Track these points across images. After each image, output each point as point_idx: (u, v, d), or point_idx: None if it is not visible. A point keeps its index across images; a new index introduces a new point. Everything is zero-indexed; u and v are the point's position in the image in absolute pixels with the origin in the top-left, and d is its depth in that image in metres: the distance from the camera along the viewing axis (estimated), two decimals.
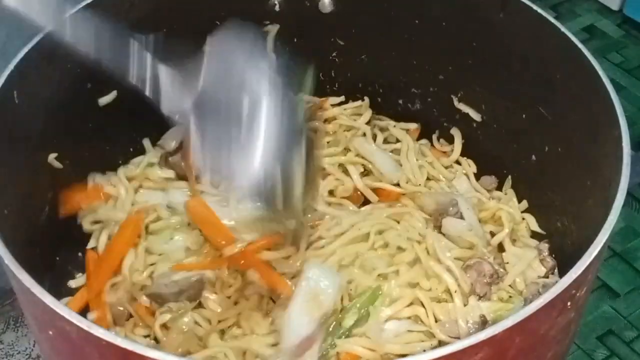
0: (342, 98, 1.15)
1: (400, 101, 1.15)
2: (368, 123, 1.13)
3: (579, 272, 0.68)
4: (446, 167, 1.11)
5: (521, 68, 0.98)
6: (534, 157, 1.02)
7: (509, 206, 1.03)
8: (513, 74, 1.00)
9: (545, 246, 0.97)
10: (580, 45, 0.88)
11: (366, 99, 1.16)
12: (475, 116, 1.09)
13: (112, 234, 0.99)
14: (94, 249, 1.01)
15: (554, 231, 1.00)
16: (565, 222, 0.97)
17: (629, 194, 1.51)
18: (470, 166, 1.11)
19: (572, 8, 2.12)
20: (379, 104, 1.16)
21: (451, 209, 0.99)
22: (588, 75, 0.86)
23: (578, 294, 0.72)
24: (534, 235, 1.02)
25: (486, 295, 0.90)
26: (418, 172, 1.08)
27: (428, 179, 1.09)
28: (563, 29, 0.90)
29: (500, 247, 0.99)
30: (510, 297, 0.92)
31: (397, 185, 1.07)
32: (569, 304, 0.71)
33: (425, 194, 1.04)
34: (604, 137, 0.83)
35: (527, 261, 0.95)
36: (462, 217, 0.98)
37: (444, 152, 1.13)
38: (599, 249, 0.71)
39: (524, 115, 1.01)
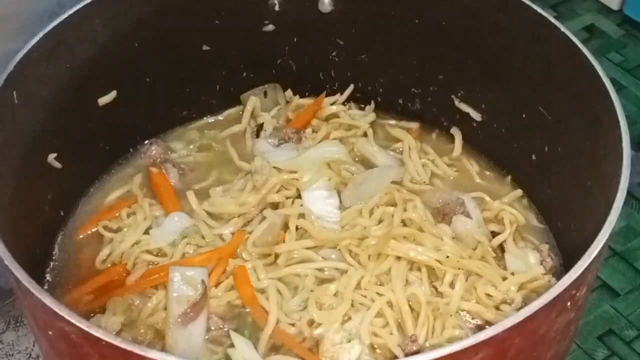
0: (341, 96, 1.15)
1: (400, 101, 1.15)
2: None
3: (579, 272, 0.69)
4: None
5: (521, 68, 0.98)
6: (534, 157, 1.02)
7: (511, 207, 1.03)
8: (513, 74, 1.00)
9: (545, 246, 0.97)
10: (580, 45, 0.88)
11: (372, 103, 1.15)
12: (476, 116, 1.09)
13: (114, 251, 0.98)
14: None
15: (553, 231, 1.00)
16: (565, 222, 0.97)
17: (629, 193, 1.51)
18: (472, 166, 1.10)
19: (572, 8, 2.12)
20: (379, 104, 1.16)
21: (458, 207, 0.99)
22: (588, 75, 0.86)
23: (578, 294, 0.72)
24: (534, 235, 1.02)
25: None
26: (422, 170, 1.07)
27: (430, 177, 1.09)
28: (563, 29, 0.90)
29: (501, 248, 0.99)
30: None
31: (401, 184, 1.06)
32: (568, 304, 0.71)
33: (428, 192, 1.04)
34: (604, 137, 0.83)
35: (528, 262, 0.95)
36: (469, 216, 0.98)
37: None
38: (599, 249, 0.71)
39: (524, 115, 1.01)
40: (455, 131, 1.12)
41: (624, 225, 1.58)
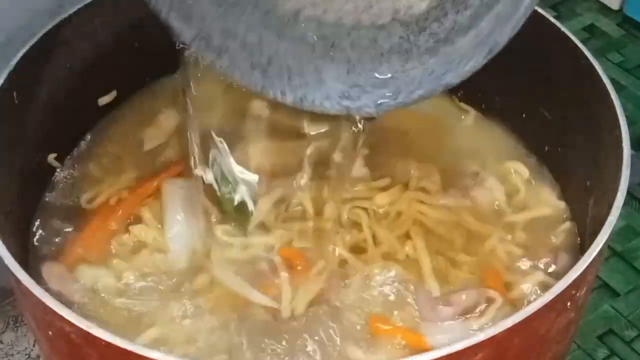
0: None
1: None
2: None
3: (579, 272, 0.69)
4: None
5: (521, 68, 0.98)
6: (534, 157, 1.02)
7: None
8: (513, 74, 1.00)
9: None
10: (580, 45, 0.88)
11: None
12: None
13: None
14: None
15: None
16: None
17: (629, 193, 1.51)
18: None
19: (572, 7, 2.12)
20: None
21: (473, 181, 0.97)
22: (588, 75, 0.86)
23: (578, 294, 0.72)
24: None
25: None
26: None
27: None
28: (563, 29, 0.90)
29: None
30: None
31: None
32: (568, 304, 0.71)
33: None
34: (604, 137, 0.83)
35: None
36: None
37: None
38: (599, 249, 0.71)
39: (524, 115, 1.01)
40: None
41: (624, 225, 1.58)
